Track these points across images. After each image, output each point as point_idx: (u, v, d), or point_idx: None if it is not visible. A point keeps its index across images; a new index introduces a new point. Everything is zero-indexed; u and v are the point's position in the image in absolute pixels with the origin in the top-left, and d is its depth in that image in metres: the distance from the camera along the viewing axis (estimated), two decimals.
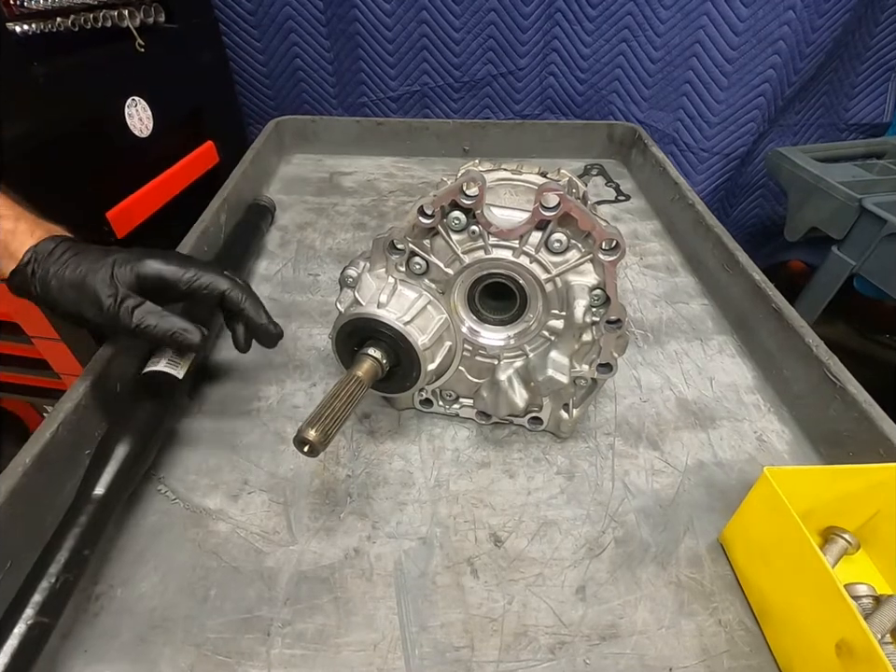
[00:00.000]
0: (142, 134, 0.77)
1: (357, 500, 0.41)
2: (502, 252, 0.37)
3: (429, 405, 0.47)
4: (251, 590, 0.35)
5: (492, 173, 0.43)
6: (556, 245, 0.36)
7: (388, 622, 0.34)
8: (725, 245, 0.59)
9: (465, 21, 1.06)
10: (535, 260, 0.37)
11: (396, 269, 0.40)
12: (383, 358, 0.38)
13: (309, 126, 0.92)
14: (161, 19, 0.79)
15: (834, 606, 0.27)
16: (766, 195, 1.25)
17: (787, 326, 0.49)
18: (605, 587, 0.36)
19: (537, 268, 0.37)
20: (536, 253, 0.36)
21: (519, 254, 0.37)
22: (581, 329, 0.38)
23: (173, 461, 0.43)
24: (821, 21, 0.97)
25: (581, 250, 0.36)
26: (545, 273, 0.37)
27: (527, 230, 0.35)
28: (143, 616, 0.33)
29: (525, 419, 0.45)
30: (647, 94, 1.11)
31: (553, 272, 0.37)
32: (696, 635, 0.33)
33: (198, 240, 0.57)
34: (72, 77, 0.64)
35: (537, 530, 0.39)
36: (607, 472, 0.43)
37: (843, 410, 0.42)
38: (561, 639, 0.33)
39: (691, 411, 0.49)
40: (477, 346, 0.42)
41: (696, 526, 0.40)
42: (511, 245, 0.37)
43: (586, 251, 0.36)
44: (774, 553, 0.33)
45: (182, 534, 0.38)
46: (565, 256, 0.36)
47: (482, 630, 0.34)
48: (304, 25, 1.07)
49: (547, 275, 0.37)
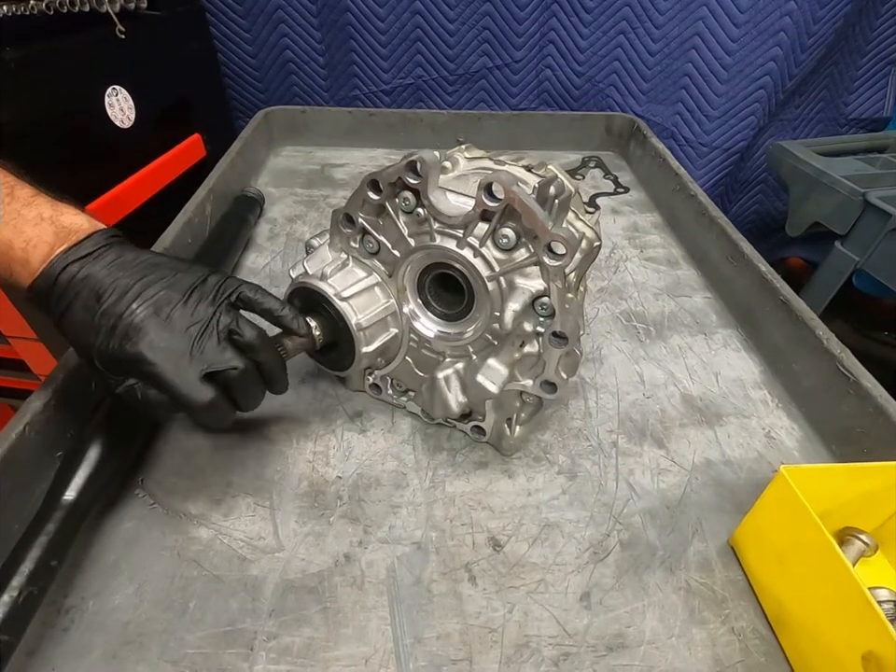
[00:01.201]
0: (123, 125, 0.74)
1: (347, 503, 0.38)
2: (447, 241, 0.35)
3: (378, 391, 0.45)
4: (234, 601, 0.33)
5: (475, 161, 0.42)
6: (504, 241, 0.33)
7: (381, 633, 0.32)
8: (729, 236, 0.58)
9: (460, 12, 1.04)
10: (479, 255, 0.34)
11: (349, 244, 0.39)
12: (317, 330, 0.38)
13: (299, 117, 0.89)
14: (143, 5, 0.76)
15: (860, 614, 0.25)
16: (766, 190, 1.23)
17: (796, 318, 0.47)
18: (611, 594, 0.34)
19: (480, 263, 0.34)
20: (480, 246, 0.33)
21: (463, 245, 0.34)
22: (514, 337, 0.35)
23: (152, 462, 0.40)
24: (823, 13, 0.95)
25: (529, 250, 0.33)
26: (488, 269, 0.34)
27: (472, 219, 0.33)
28: (116, 631, 0.31)
29: (469, 427, 0.43)
30: (645, 87, 1.09)
31: (497, 269, 0.34)
32: (709, 644, 0.31)
33: (181, 231, 0.55)
34: (47, 63, 0.61)
35: (538, 533, 0.37)
36: (610, 472, 0.41)
37: (857, 405, 0.40)
38: (565, 650, 0.31)
39: (696, 407, 0.47)
40: (421, 337, 0.39)
41: (705, 528, 0.38)
42: (456, 235, 0.34)
43: (533, 252, 0.32)
44: (790, 556, 0.31)
45: (160, 541, 0.35)
46: (512, 254, 0.33)
47: (480, 641, 0.31)
48: (294, 16, 1.05)
49: (490, 272, 0.34)
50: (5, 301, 0.67)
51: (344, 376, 0.46)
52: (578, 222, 0.40)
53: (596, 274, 0.63)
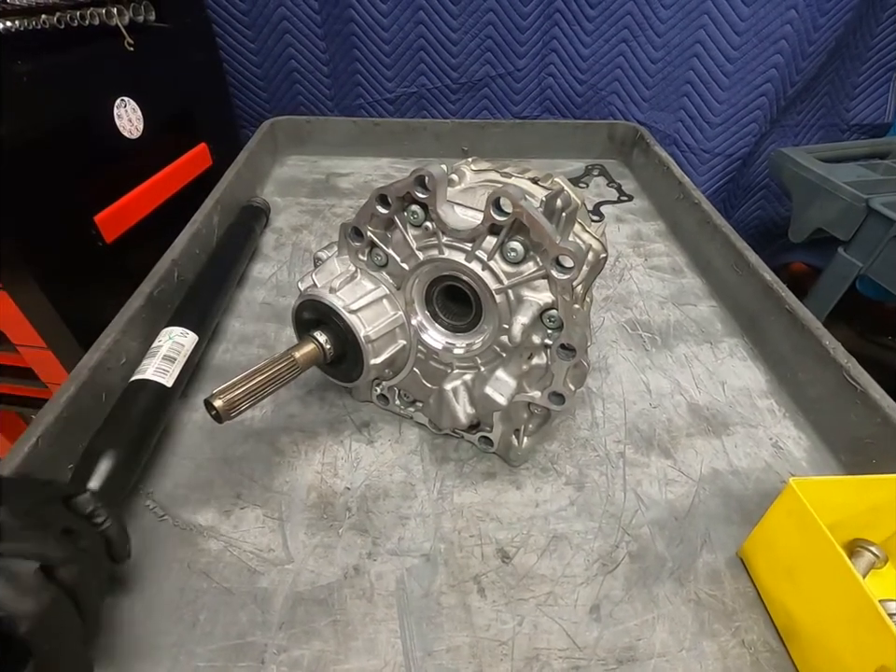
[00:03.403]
0: (132, 136, 0.75)
1: (356, 514, 0.38)
2: (455, 254, 0.35)
3: (386, 402, 0.45)
4: (244, 613, 0.33)
5: (482, 173, 0.42)
6: (512, 255, 0.33)
7: (391, 646, 0.32)
8: (734, 244, 0.58)
9: (462, 22, 1.05)
10: (487, 268, 0.34)
11: (357, 257, 0.39)
12: (327, 343, 0.38)
13: (304, 127, 0.90)
14: (151, 17, 0.77)
15: (872, 628, 0.25)
16: (768, 196, 1.23)
17: (801, 327, 0.47)
18: (620, 606, 0.34)
19: (488, 276, 0.34)
20: (488, 260, 0.34)
21: (471, 258, 0.34)
22: (522, 349, 0.35)
23: (162, 474, 0.40)
24: (824, 20, 0.96)
25: (538, 263, 0.33)
26: (497, 282, 0.34)
27: (480, 233, 0.33)
28: (126, 645, 0.31)
29: (476, 437, 0.43)
30: (647, 95, 1.10)
31: (506, 282, 0.34)
32: (719, 657, 0.31)
33: (190, 241, 0.55)
34: (57, 76, 0.62)
35: (546, 545, 0.37)
36: (618, 482, 0.41)
37: (865, 415, 0.40)
38: (576, 664, 0.31)
39: (703, 416, 0.47)
40: (429, 348, 0.39)
41: (714, 539, 0.38)
42: (464, 248, 0.34)
43: (542, 265, 0.33)
44: (800, 569, 0.31)
45: (170, 553, 0.36)
46: (520, 267, 0.33)
47: (490, 654, 0.31)
48: (299, 26, 1.06)
49: (498, 285, 0.34)
50: (14, 310, 0.67)
51: (352, 387, 0.46)
52: (584, 234, 0.40)
53: (602, 283, 0.63)
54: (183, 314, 0.47)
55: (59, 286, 0.67)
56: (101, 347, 0.42)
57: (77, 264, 0.70)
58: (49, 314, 0.67)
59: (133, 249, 0.76)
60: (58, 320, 0.68)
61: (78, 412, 0.38)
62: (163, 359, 0.41)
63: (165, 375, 0.41)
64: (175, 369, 0.42)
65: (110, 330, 0.44)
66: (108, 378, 0.42)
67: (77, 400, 0.38)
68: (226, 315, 0.56)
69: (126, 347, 0.44)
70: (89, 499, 0.28)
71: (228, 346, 0.52)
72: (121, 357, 0.43)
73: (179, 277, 0.53)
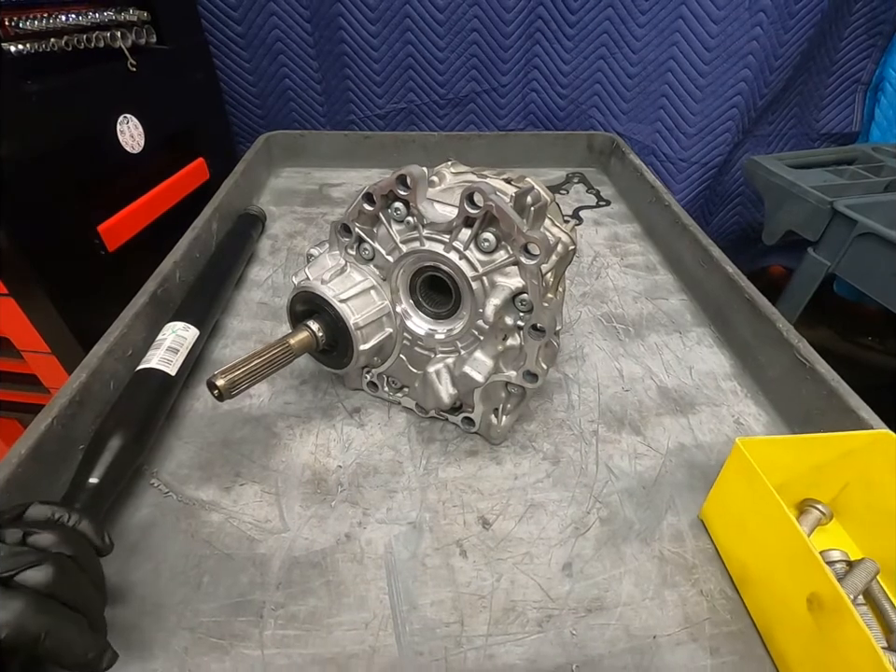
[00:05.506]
0: (133, 151, 0.78)
1: (347, 489, 0.41)
2: (435, 245, 0.38)
3: (375, 388, 0.49)
4: (244, 576, 0.36)
5: (460, 175, 0.46)
6: (485, 245, 0.37)
7: (379, 602, 0.34)
8: (700, 241, 0.62)
9: (449, 41, 1.10)
10: (463, 257, 0.38)
11: (346, 252, 0.43)
12: (319, 331, 0.41)
13: (298, 140, 0.94)
14: (152, 40, 0.81)
15: (804, 562, 0.28)
16: (745, 203, 1.28)
17: (759, 314, 0.51)
18: (590, 563, 0.37)
19: (465, 265, 0.38)
20: (464, 249, 0.37)
21: (449, 249, 0.38)
22: (497, 331, 0.39)
23: (165, 455, 0.43)
24: (788, 37, 1.02)
25: (508, 252, 0.37)
26: (472, 270, 0.38)
27: (456, 225, 0.37)
28: (135, 604, 0.34)
29: (459, 418, 0.46)
30: (625, 108, 1.15)
31: (481, 270, 0.37)
32: (679, 604, 0.34)
33: (190, 245, 0.59)
34: (64, 95, 0.66)
35: (524, 512, 0.40)
36: (591, 457, 0.44)
37: (814, 389, 0.44)
38: (548, 613, 0.34)
39: (671, 398, 0.50)
40: (413, 335, 0.43)
41: (678, 504, 0.41)
42: (442, 240, 0.38)
43: (511, 253, 0.36)
44: (749, 520, 0.34)
45: (175, 525, 0.38)
46: (493, 256, 0.37)
47: (471, 606, 0.34)
48: (293, 47, 1.11)
49: (474, 273, 0.38)
50: (19, 315, 0.70)
51: (343, 374, 0.49)
52: (554, 228, 0.44)
53: (579, 280, 0.67)
54: (185, 310, 0.51)
55: (63, 292, 0.71)
56: (109, 339, 0.45)
57: (81, 272, 0.73)
58: (54, 319, 0.70)
59: (133, 258, 0.79)
60: (62, 325, 0.71)
61: (89, 396, 0.41)
62: (167, 350, 0.45)
63: (169, 365, 0.44)
64: (178, 359, 0.45)
65: (118, 324, 0.47)
66: (116, 367, 0.45)
67: (88, 386, 0.41)
68: (225, 314, 0.59)
69: (132, 340, 0.47)
70: (42, 508, 0.29)
71: (226, 342, 0.56)
72: (128, 349, 0.47)
73: (180, 278, 0.56)
